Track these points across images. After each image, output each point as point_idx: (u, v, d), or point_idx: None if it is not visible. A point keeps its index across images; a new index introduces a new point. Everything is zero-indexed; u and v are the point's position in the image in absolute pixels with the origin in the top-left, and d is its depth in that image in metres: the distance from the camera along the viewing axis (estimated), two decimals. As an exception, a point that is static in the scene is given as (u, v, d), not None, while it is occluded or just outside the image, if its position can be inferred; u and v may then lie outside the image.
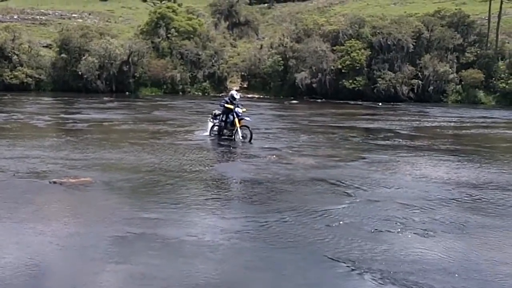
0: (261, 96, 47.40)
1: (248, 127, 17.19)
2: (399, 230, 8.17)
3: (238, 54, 53.17)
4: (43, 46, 51.76)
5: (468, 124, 26.96)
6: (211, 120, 17.93)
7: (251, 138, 16.98)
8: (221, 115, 17.32)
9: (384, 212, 9.09)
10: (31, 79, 46.90)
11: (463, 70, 45.97)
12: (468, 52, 47.09)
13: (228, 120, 17.17)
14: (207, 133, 18.06)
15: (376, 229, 8.16)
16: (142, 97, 43.95)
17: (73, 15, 70.05)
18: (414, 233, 8.03)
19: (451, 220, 8.74)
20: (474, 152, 16.89)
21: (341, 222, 8.45)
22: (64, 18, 66.51)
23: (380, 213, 9.01)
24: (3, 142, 15.91)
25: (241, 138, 16.98)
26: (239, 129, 17.03)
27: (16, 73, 46.29)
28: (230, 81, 51.55)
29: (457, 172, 13.04)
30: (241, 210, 9.19)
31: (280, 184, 11.16)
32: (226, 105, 17.02)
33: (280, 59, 48.28)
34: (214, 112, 17.94)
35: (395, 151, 16.37)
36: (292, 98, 45.27)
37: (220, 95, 46.54)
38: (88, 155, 13.94)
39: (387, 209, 9.28)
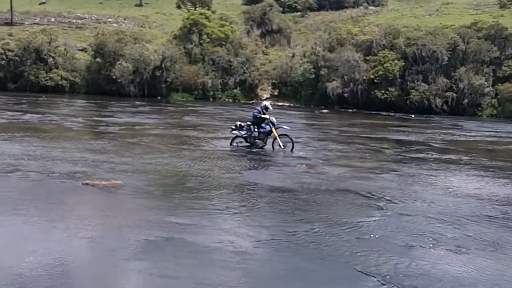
0: (292, 105, 47.29)
1: (288, 135, 17.02)
2: (431, 245, 7.99)
3: (270, 62, 53.23)
4: (79, 50, 52.78)
5: (503, 139, 26.37)
6: (235, 131, 17.32)
7: (292, 147, 16.78)
8: (253, 126, 17.01)
9: (416, 227, 8.91)
10: (66, 82, 47.89)
11: (499, 84, 45.03)
12: (505, 66, 46.10)
13: (262, 130, 16.91)
14: (227, 144, 17.61)
15: (407, 244, 8.00)
16: (173, 102, 44.33)
17: (109, 19, 71.22)
18: (447, 249, 7.84)
19: (484, 237, 8.52)
20: (509, 168, 16.48)
21: (372, 235, 8.31)
22: (99, 23, 67.67)
23: (412, 228, 8.84)
24: (37, 143, 16.22)
25: (281, 147, 16.83)
26: (278, 138, 16.92)
27: (51, 75, 47.35)
28: (261, 89, 51.61)
29: (491, 188, 12.73)
30: (270, 218, 9.13)
31: (310, 194, 11.06)
32: (262, 115, 16.85)
33: (312, 67, 48.14)
34: (237, 123, 17.40)
35: (428, 164, 16.09)
36: (323, 107, 45.06)
37: (251, 102, 46.66)
38: (119, 158, 14.10)
39: (419, 224, 9.10)
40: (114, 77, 46.92)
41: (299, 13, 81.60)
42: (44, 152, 14.48)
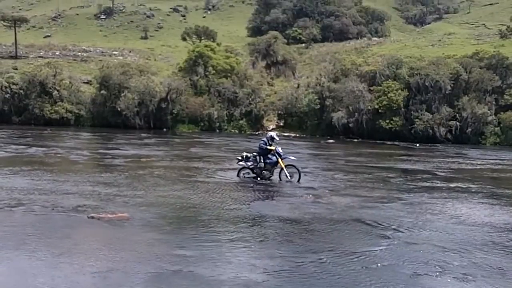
0: (297, 135, 47.52)
1: (295, 166, 17.14)
2: (437, 274, 8.06)
3: (275, 93, 53.75)
4: (84, 82, 53.34)
5: (508, 167, 26.42)
6: (241, 162, 17.36)
7: (299, 178, 16.88)
8: (259, 157, 17.09)
9: (422, 255, 8.97)
10: (71, 114, 48.25)
11: (502, 112, 45.30)
12: (507, 94, 46.49)
13: (268, 161, 16.99)
14: (234, 175, 17.64)
15: (414, 273, 8.07)
16: (179, 134, 44.59)
17: (114, 52, 72.19)
18: (453, 277, 7.90)
19: (490, 265, 8.58)
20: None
21: (379, 265, 8.38)
22: (105, 55, 68.60)
23: (418, 256, 8.90)
24: (42, 177, 16.33)
25: (288, 177, 16.92)
26: (284, 169, 17.02)
27: (56, 108, 47.71)
28: (267, 120, 51.97)
29: (496, 215, 12.77)
30: (278, 249, 9.20)
31: (317, 224, 11.13)
32: (268, 147, 16.97)
33: (317, 98, 48.56)
34: (243, 154, 17.44)
35: (433, 193, 16.14)
36: (328, 137, 45.25)
37: (257, 133, 46.93)
38: (125, 191, 14.18)
39: (426, 252, 9.16)
40: (119, 109, 47.33)
41: (303, 45, 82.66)
42: (49, 186, 14.57)
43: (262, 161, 17.07)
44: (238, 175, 17.54)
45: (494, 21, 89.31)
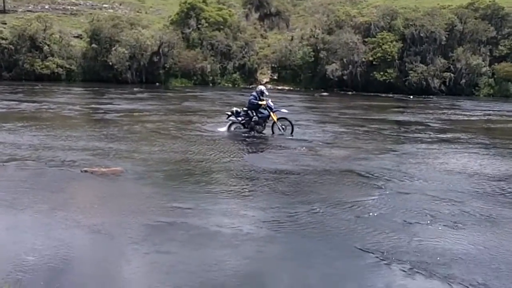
0: (291, 88, 47.36)
1: (287, 119, 17.10)
2: (428, 222, 8.17)
3: (269, 46, 53.17)
4: (74, 37, 52.38)
5: (499, 118, 26.53)
6: (231, 117, 17.31)
7: (292, 130, 16.88)
8: (251, 111, 16.98)
9: (414, 204, 9.08)
10: (62, 69, 47.56)
11: (496, 64, 45.25)
12: (501, 45, 46.29)
13: (260, 115, 16.90)
14: (224, 129, 17.52)
15: (405, 221, 8.17)
16: (172, 88, 44.33)
17: (104, 5, 70.79)
18: (444, 225, 8.01)
19: (481, 213, 8.70)
20: (505, 146, 16.63)
21: (371, 214, 8.48)
22: (95, 9, 67.26)
23: (410, 205, 9.01)
24: (34, 132, 16.26)
25: (281, 131, 16.91)
26: (277, 122, 16.98)
27: (47, 63, 46.96)
28: (260, 73, 51.62)
29: (488, 165, 12.90)
30: (271, 200, 9.27)
31: (310, 176, 11.21)
32: (259, 102, 16.86)
33: (311, 50, 48.12)
34: (233, 109, 17.39)
35: (426, 144, 16.24)
36: (322, 90, 45.15)
37: (250, 86, 46.70)
38: (118, 145, 14.17)
39: (417, 202, 9.27)
40: (110, 63, 46.79)
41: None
42: (41, 141, 14.52)
43: (253, 115, 16.99)
44: (228, 130, 17.45)
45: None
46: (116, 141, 14.81)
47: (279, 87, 46.09)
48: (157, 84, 47.64)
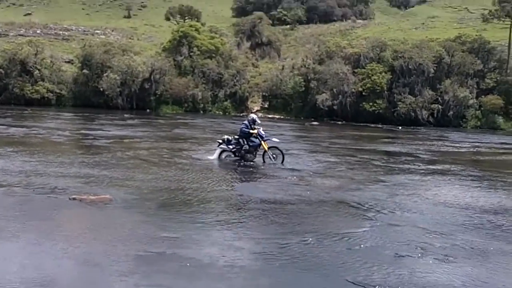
0: (282, 117, 47.59)
1: (278, 148, 17.11)
2: (420, 255, 8.17)
3: (260, 74, 53.58)
4: (65, 62, 52.53)
5: (487, 150, 26.77)
6: (222, 145, 17.27)
7: (283, 159, 16.84)
8: (242, 140, 16.94)
9: (404, 237, 9.08)
10: (52, 94, 47.48)
11: (483, 96, 45.88)
12: (488, 78, 47.05)
13: (251, 144, 16.88)
14: (214, 158, 17.41)
15: (397, 254, 8.16)
16: (162, 115, 44.35)
17: (96, 31, 71.14)
18: (435, 258, 8.01)
19: (471, 246, 8.72)
20: (494, 178, 16.74)
21: (362, 246, 8.47)
22: (87, 34, 67.55)
23: (401, 238, 9.01)
24: (22, 158, 16.06)
25: (272, 160, 16.89)
26: (268, 151, 16.99)
27: (37, 88, 46.87)
28: (251, 101, 51.86)
29: (477, 197, 12.96)
30: (262, 231, 9.24)
31: (301, 206, 11.20)
32: (250, 130, 16.83)
33: (302, 80, 48.54)
34: (225, 137, 17.36)
35: (415, 174, 16.32)
36: (312, 119, 45.38)
37: (241, 114, 46.85)
38: (107, 173, 14.04)
39: (408, 234, 9.28)
40: (101, 89, 46.82)
41: (288, 26, 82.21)
42: (30, 167, 14.34)
43: (246, 143, 16.99)
44: (219, 158, 17.42)
45: (477, 5, 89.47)
46: (105, 168, 14.70)
47: (270, 116, 46.30)
48: (148, 110, 47.67)
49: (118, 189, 11.87)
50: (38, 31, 66.05)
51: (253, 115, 17.76)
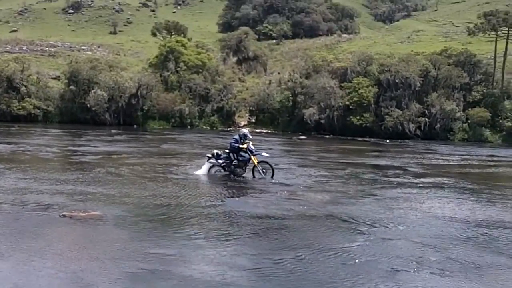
0: (269, 131, 47.57)
1: (268, 162, 16.98)
2: (415, 269, 8.07)
3: (247, 89, 53.69)
4: (52, 78, 52.43)
5: (476, 162, 26.88)
6: (211, 159, 17.14)
7: (273, 174, 16.71)
8: (232, 154, 16.82)
9: (399, 251, 8.99)
10: (39, 111, 47.29)
11: (470, 109, 46.24)
12: (474, 91, 47.48)
13: (241, 158, 16.78)
14: (203, 172, 17.26)
15: (392, 268, 8.07)
16: (150, 130, 44.14)
17: (82, 47, 71.06)
18: (431, 273, 7.93)
19: (467, 260, 8.64)
20: (486, 191, 16.75)
21: (357, 261, 8.36)
22: (73, 50, 67.46)
23: (395, 252, 8.92)
24: (11, 174, 15.86)
25: (262, 174, 16.76)
26: (257, 166, 16.88)
27: (24, 104, 46.66)
28: (239, 116, 51.88)
29: (471, 210, 12.92)
30: (255, 246, 9.11)
31: (293, 220, 11.08)
32: (240, 145, 16.71)
33: (290, 94, 48.68)
34: (214, 152, 17.22)
35: (406, 188, 16.27)
36: (300, 133, 45.41)
37: (228, 129, 46.79)
38: (96, 189, 13.87)
39: (402, 248, 9.19)
40: (88, 105, 46.62)
41: (274, 41, 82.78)
42: (18, 184, 14.14)
43: (235, 158, 16.88)
44: (208, 172, 17.28)
45: (461, 18, 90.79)
46: (94, 185, 14.51)
47: (257, 130, 46.24)
48: (135, 126, 47.45)
49: (107, 206, 11.71)
50: (24, 48, 65.85)
51: (244, 130, 17.64)
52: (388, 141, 41.85)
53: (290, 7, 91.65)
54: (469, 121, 46.19)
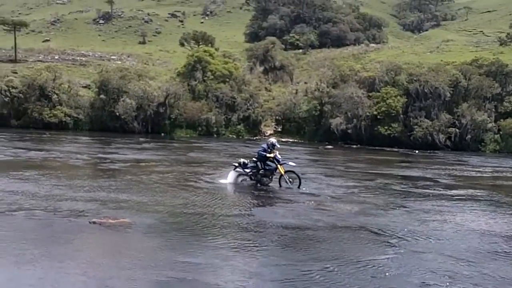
0: (296, 141, 47.40)
1: (295, 172, 16.89)
2: (447, 284, 7.87)
3: (273, 98, 53.68)
4: (82, 87, 53.22)
5: (510, 174, 26.29)
6: (238, 168, 17.17)
7: (300, 184, 16.64)
8: (259, 163, 16.77)
9: (430, 264, 8.79)
10: (69, 118, 48.09)
11: (502, 120, 45.32)
12: (506, 102, 46.54)
13: (267, 168, 16.74)
14: (230, 181, 17.23)
15: (423, 282, 7.89)
16: (177, 139, 44.40)
17: (112, 57, 72.10)
18: (464, 287, 7.71)
19: (501, 275, 8.40)
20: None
21: (387, 274, 8.20)
22: (103, 60, 68.49)
23: (426, 265, 8.73)
24: (45, 181, 16.06)
25: (288, 184, 16.69)
26: (284, 175, 16.79)
27: (55, 112, 47.52)
28: (265, 125, 51.88)
29: (504, 224, 12.60)
30: (283, 257, 9.01)
31: (321, 231, 10.95)
32: (268, 154, 16.62)
33: (317, 104, 48.51)
34: (241, 160, 17.23)
35: (436, 200, 15.97)
36: (327, 143, 45.15)
37: (255, 138, 46.79)
38: (126, 196, 13.97)
39: (434, 261, 8.99)
40: (117, 113, 47.19)
41: (301, 51, 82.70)
42: (50, 190, 14.33)
43: (261, 167, 16.81)
44: (235, 182, 17.26)
45: (492, 28, 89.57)
46: (124, 192, 14.61)
47: (283, 140, 46.10)
48: (163, 134, 47.81)
49: (137, 213, 11.78)
50: (56, 57, 67.07)
51: (272, 139, 17.50)
52: (417, 151, 41.27)
53: (317, 17, 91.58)
54: (501, 132, 45.27)
